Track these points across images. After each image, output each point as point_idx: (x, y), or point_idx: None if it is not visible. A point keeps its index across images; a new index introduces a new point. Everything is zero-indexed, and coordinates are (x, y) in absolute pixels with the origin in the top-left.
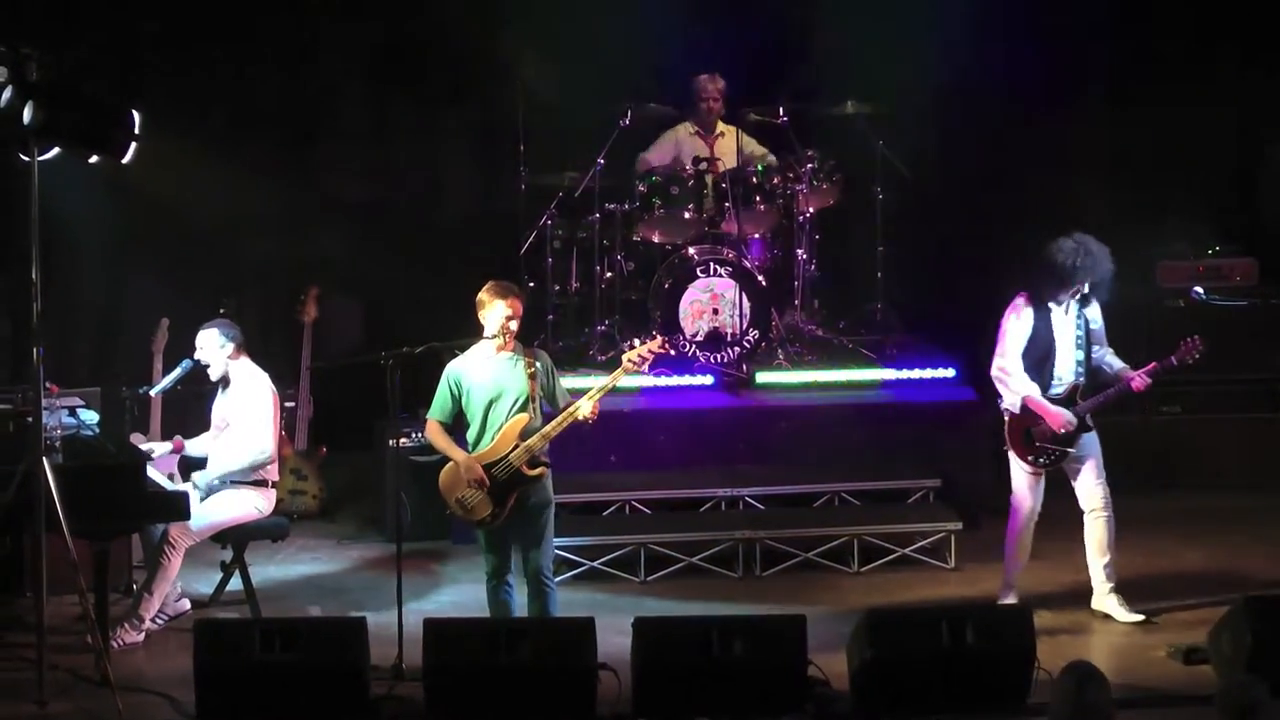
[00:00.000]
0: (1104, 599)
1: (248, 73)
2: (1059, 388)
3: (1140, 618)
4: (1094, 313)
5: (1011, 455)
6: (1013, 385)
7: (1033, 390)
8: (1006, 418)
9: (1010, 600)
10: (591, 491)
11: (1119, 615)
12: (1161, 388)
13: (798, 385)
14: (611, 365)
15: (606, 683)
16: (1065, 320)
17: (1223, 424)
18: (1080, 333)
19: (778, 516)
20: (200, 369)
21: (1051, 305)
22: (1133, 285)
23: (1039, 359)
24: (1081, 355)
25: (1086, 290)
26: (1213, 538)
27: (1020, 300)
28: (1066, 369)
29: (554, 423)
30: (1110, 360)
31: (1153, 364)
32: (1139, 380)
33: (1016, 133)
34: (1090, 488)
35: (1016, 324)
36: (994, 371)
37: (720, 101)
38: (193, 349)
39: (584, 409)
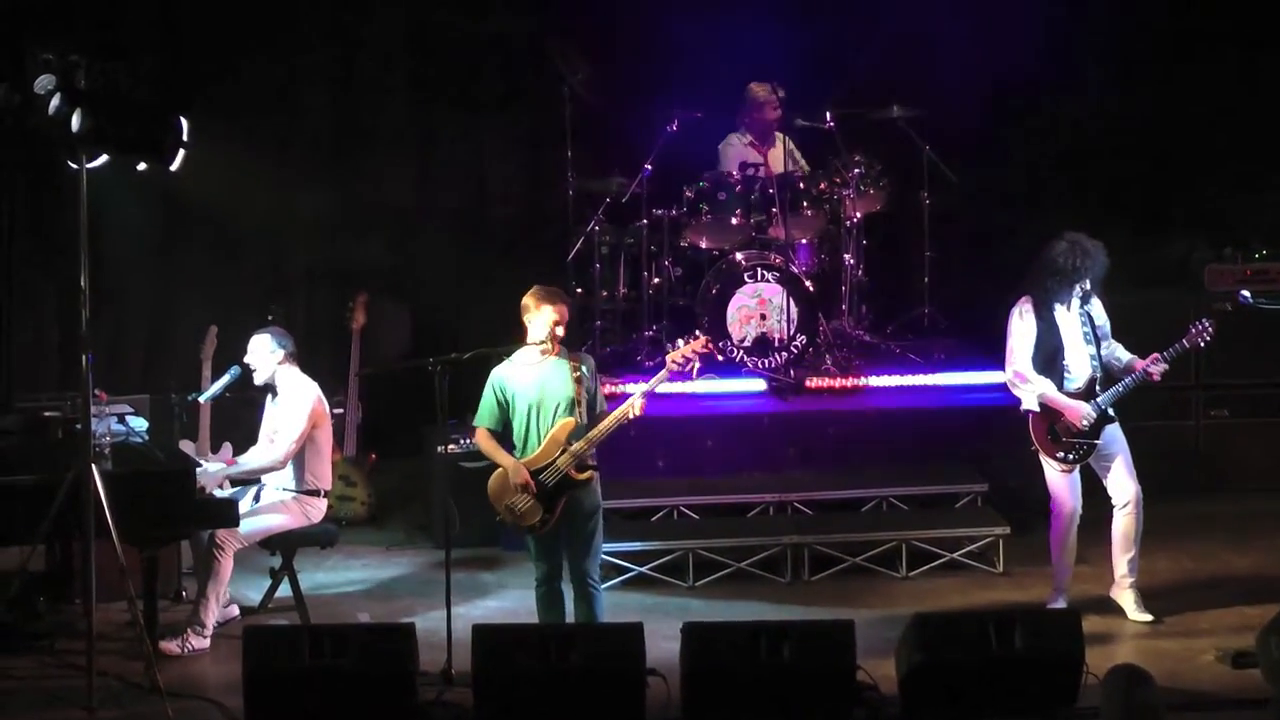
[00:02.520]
0: (1122, 592)
1: (295, 79)
2: (1075, 382)
3: (1149, 618)
4: (1096, 308)
5: (1042, 456)
6: (1029, 385)
7: (1048, 387)
8: (1029, 418)
9: (1059, 604)
10: (639, 497)
11: (1130, 612)
12: (1210, 392)
13: (845, 390)
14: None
15: (655, 688)
16: (1069, 317)
17: (1271, 428)
18: (1086, 328)
19: (826, 521)
20: (248, 374)
21: (1055, 304)
22: (1179, 289)
23: (1048, 357)
24: (1093, 349)
25: (1088, 287)
26: (1261, 541)
27: (1021, 303)
28: (1080, 363)
29: (601, 426)
30: (1119, 354)
31: (1154, 355)
32: (1156, 370)
33: (1063, 135)
34: (1122, 483)
35: (1021, 326)
36: (1008, 376)
37: (780, 111)
38: (241, 355)
39: (635, 407)
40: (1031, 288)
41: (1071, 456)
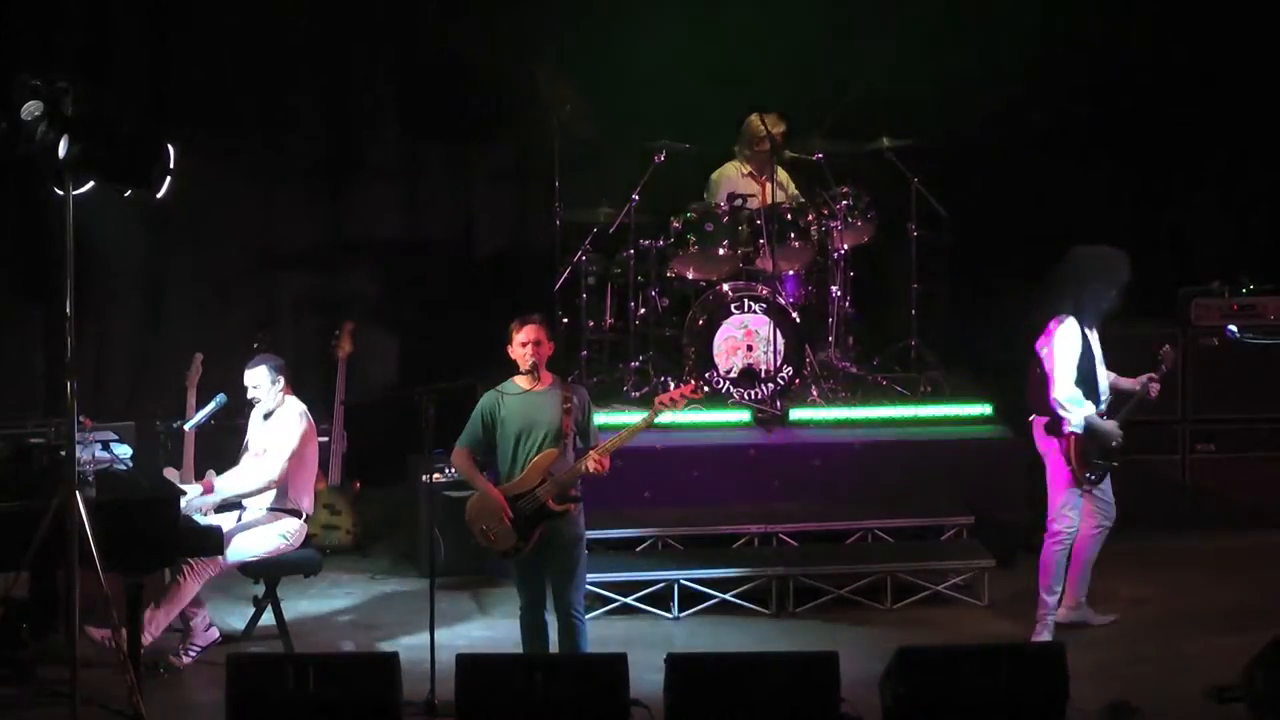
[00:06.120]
0: (1082, 609)
1: (284, 108)
2: (1104, 404)
3: (1113, 616)
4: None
5: (1062, 485)
6: (1078, 407)
7: (1090, 410)
8: (1072, 440)
9: (1044, 637)
10: (625, 527)
11: (1095, 620)
12: (1195, 426)
13: (831, 422)
14: (645, 401)
15: (638, 719)
16: (1094, 337)
17: (1257, 462)
18: (1101, 350)
19: (811, 553)
20: (233, 404)
21: (1090, 323)
22: (1167, 323)
23: (1085, 378)
24: (1105, 370)
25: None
26: (1246, 575)
27: (1067, 323)
28: (1105, 384)
29: (576, 465)
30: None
31: (1148, 374)
32: (1154, 387)
33: (1051, 168)
34: (1110, 503)
35: (1068, 345)
36: (1056, 396)
37: (779, 143)
38: (227, 383)
39: (591, 463)
40: (1068, 305)
41: (1094, 477)
